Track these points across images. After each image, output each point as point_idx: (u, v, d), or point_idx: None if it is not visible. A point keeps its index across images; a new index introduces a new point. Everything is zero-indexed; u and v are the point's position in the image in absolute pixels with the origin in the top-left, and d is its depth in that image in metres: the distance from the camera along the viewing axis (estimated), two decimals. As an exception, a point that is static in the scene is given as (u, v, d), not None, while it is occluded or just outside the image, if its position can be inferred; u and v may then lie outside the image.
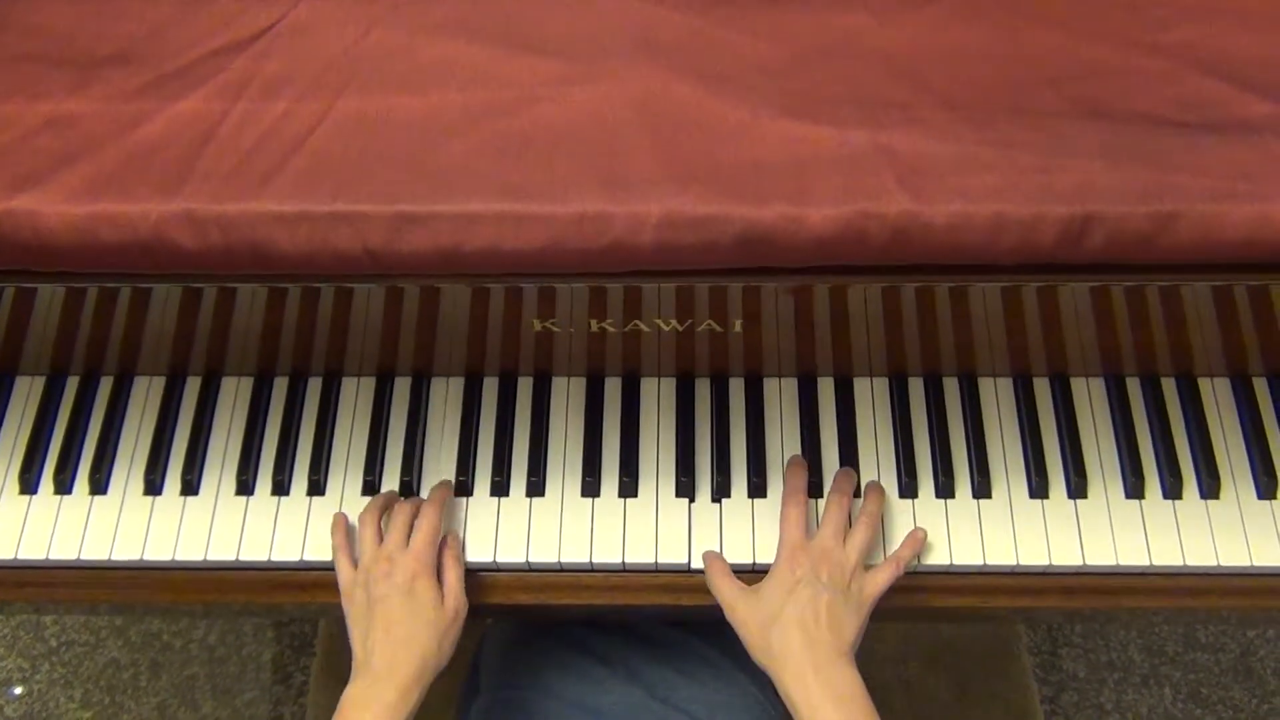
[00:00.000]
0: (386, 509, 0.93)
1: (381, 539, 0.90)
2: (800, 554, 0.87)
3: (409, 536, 0.90)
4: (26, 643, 1.67)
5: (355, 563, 0.90)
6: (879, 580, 0.88)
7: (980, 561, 0.92)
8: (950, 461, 0.96)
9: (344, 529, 0.92)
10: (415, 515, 0.91)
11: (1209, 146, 0.78)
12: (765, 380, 0.99)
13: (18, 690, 1.64)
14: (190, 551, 0.94)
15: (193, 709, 1.61)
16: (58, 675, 1.65)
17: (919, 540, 0.92)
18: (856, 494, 0.94)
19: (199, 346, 0.97)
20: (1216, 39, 0.84)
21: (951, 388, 0.99)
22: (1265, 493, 0.94)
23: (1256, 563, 0.91)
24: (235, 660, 1.64)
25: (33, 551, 0.94)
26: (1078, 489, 0.94)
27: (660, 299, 0.89)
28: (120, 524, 0.95)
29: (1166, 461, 0.95)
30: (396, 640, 0.84)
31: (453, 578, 0.90)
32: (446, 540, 0.92)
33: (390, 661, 0.83)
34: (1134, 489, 0.94)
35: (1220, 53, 0.83)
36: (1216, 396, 0.98)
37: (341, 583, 0.89)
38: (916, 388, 0.99)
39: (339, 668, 1.18)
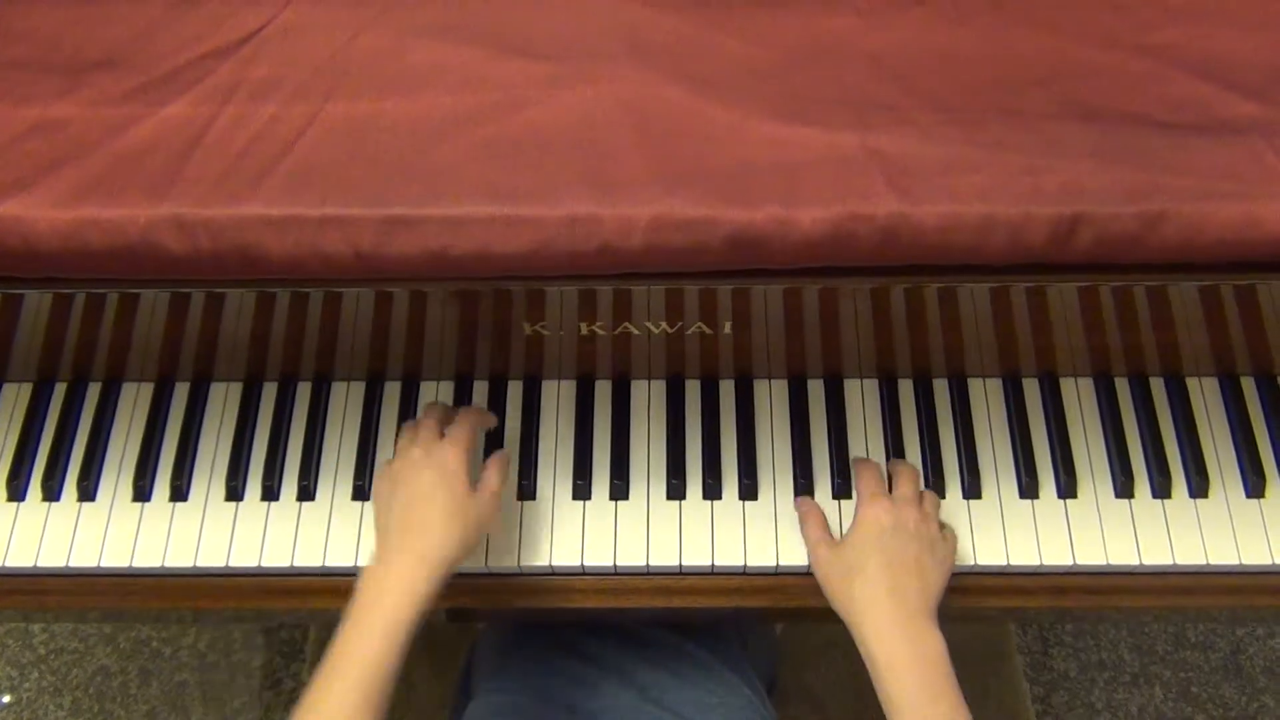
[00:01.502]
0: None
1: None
2: (884, 500, 0.87)
3: (439, 431, 0.88)
4: (15, 650, 1.66)
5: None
6: (951, 538, 0.89)
7: (971, 562, 0.92)
8: (940, 462, 0.96)
9: None
10: (439, 416, 0.90)
11: (1196, 147, 0.78)
12: (755, 382, 1.00)
13: (6, 699, 1.63)
14: (180, 558, 0.93)
15: (183, 716, 1.60)
16: (46, 683, 1.64)
17: None
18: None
19: (187, 352, 0.97)
20: (1203, 40, 0.85)
21: (941, 388, 0.99)
22: (1253, 491, 0.94)
23: (1245, 561, 0.92)
24: (225, 667, 1.63)
25: (21, 559, 0.93)
26: (1067, 489, 0.95)
27: (650, 301, 0.89)
28: (109, 531, 0.94)
29: (1155, 461, 0.95)
30: (420, 514, 0.82)
31: (495, 479, 0.87)
32: (497, 454, 0.90)
33: (408, 534, 0.81)
34: (1123, 488, 0.94)
35: (1207, 54, 0.84)
36: (1205, 396, 0.99)
37: (375, 482, 0.88)
38: (906, 389, 0.99)
39: (330, 673, 1.17)
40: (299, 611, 0.95)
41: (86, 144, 0.79)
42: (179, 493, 0.96)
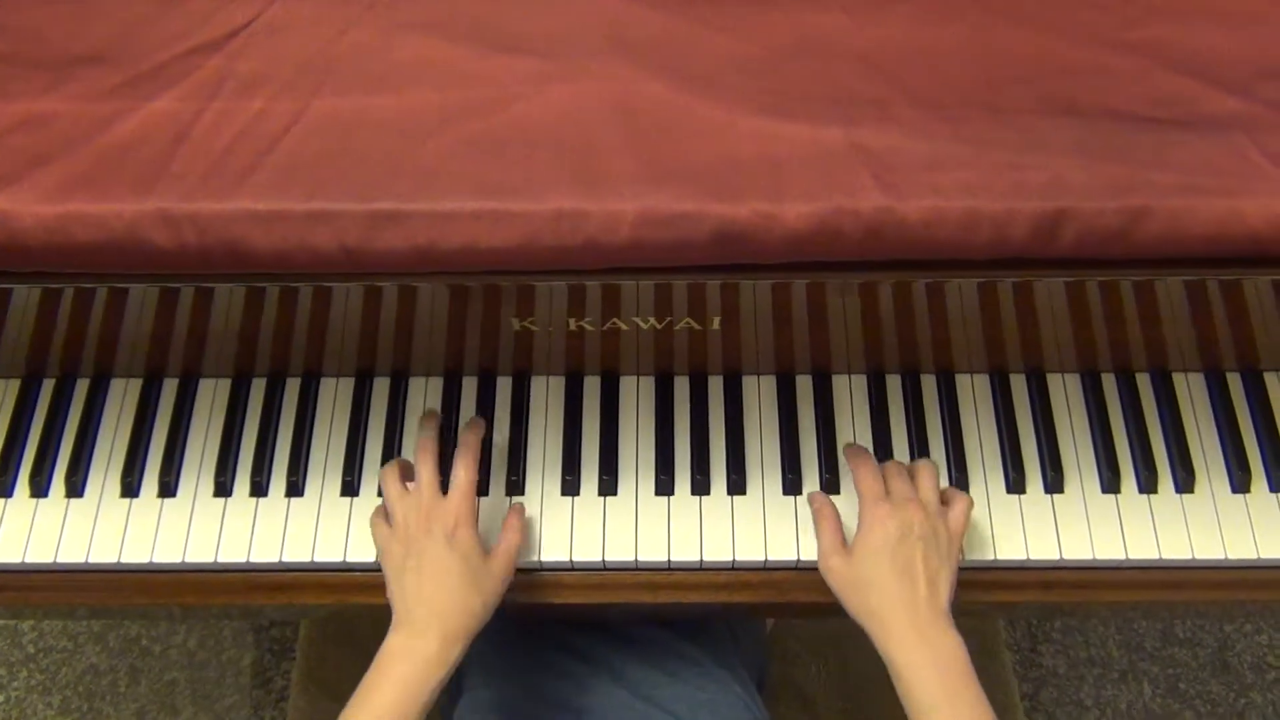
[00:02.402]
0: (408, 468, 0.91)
1: (405, 488, 0.88)
2: (884, 506, 0.86)
3: (438, 482, 0.88)
4: (3, 649, 1.65)
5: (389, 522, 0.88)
6: (957, 515, 0.88)
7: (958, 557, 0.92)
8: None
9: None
10: (434, 457, 0.89)
11: (1179, 143, 0.79)
12: (744, 378, 1.00)
13: (-5, 698, 1.63)
14: (168, 553, 0.93)
15: (172, 714, 1.60)
16: (35, 682, 1.63)
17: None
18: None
19: (176, 348, 0.97)
20: (1185, 37, 0.85)
21: (929, 384, 1.00)
22: (1239, 486, 0.95)
23: (1231, 556, 0.92)
24: (215, 665, 1.63)
25: (8, 555, 0.93)
26: (1054, 484, 0.95)
27: (638, 297, 0.89)
28: (97, 526, 0.94)
29: (1142, 456, 0.96)
30: (439, 592, 0.83)
31: (513, 539, 0.88)
32: (514, 508, 0.92)
33: (431, 612, 0.82)
34: (1110, 484, 0.95)
35: (1189, 50, 0.84)
36: (1191, 391, 0.99)
37: (377, 540, 0.88)
38: (894, 385, 1.00)
39: (319, 672, 1.18)
40: (288, 607, 0.95)
41: (73, 139, 0.79)
42: (167, 489, 0.96)
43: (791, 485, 0.95)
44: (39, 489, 0.96)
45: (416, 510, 0.86)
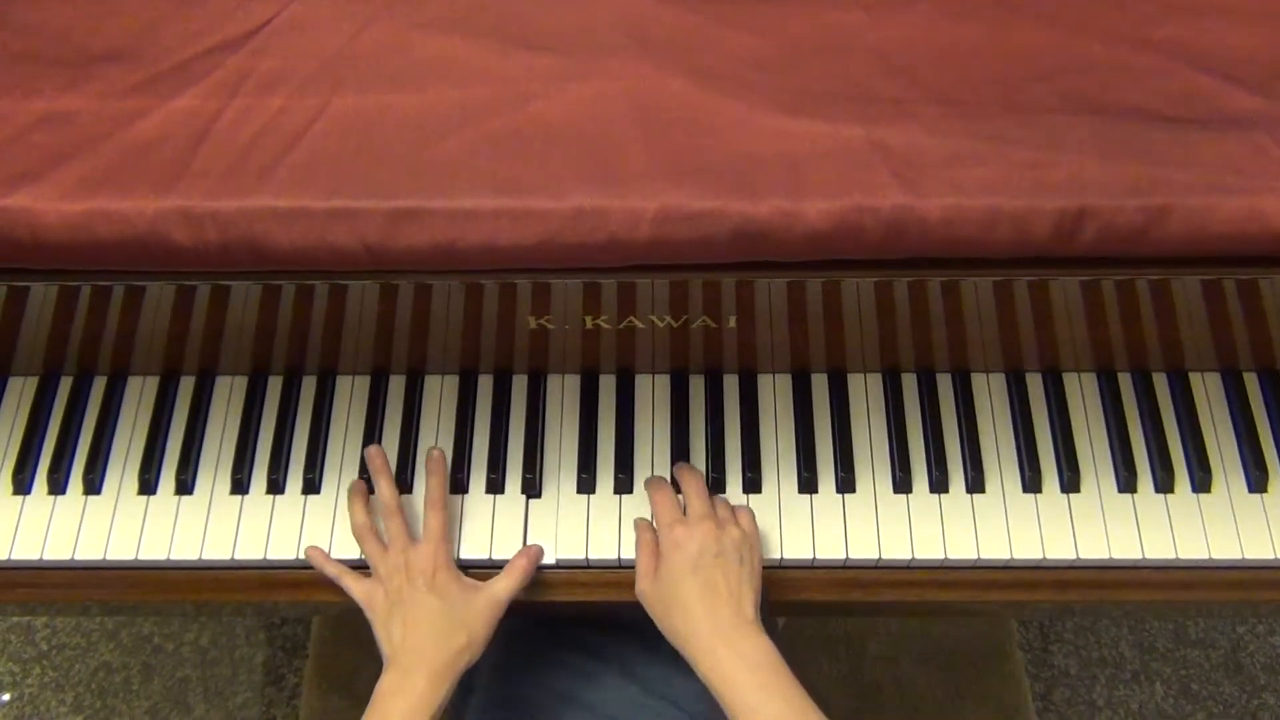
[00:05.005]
0: (364, 496, 0.93)
1: (384, 545, 0.90)
2: (680, 529, 0.87)
3: (408, 533, 0.90)
4: (17, 646, 1.66)
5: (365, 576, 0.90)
6: (746, 516, 0.90)
7: (975, 556, 0.92)
8: (944, 457, 0.96)
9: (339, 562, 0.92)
10: (401, 513, 0.91)
11: (1199, 141, 0.79)
12: (759, 376, 1.00)
13: (6, 696, 1.63)
14: (185, 551, 0.93)
15: (184, 712, 1.60)
16: (49, 679, 1.64)
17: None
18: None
19: (193, 345, 0.97)
20: (1205, 35, 0.85)
21: (945, 383, 0.99)
22: (1256, 486, 0.95)
23: (1248, 555, 0.92)
24: (227, 663, 1.63)
25: (26, 552, 0.94)
26: (1071, 483, 0.95)
27: (655, 295, 0.89)
28: (115, 524, 0.94)
29: (1158, 456, 0.96)
30: (423, 634, 0.84)
31: (503, 586, 0.90)
32: (527, 551, 0.92)
33: (419, 653, 0.84)
34: (1126, 483, 0.95)
35: (1208, 48, 0.84)
36: (1207, 391, 0.99)
37: (358, 597, 0.89)
38: (910, 383, 1.00)
39: (331, 669, 1.18)
40: (304, 604, 0.95)
41: (94, 136, 0.80)
42: (184, 486, 0.96)
43: (807, 484, 0.95)
44: (57, 486, 0.96)
45: (396, 566, 0.88)
